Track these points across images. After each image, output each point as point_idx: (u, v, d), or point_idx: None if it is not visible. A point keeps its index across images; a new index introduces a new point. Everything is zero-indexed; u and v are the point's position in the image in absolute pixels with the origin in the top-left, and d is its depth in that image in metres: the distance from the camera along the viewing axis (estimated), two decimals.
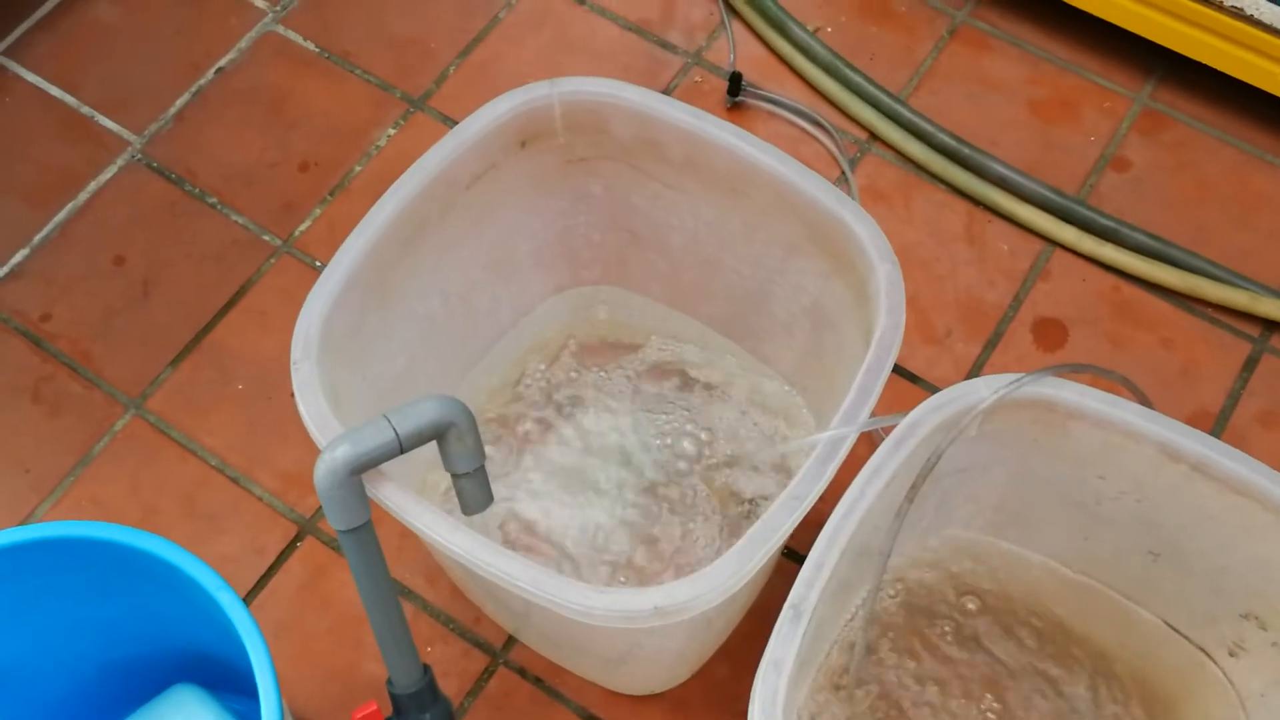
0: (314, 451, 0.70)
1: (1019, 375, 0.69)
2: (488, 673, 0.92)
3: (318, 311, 0.72)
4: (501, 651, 0.92)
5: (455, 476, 0.69)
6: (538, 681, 0.91)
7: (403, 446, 0.66)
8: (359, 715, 0.70)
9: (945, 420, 0.68)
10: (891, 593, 0.85)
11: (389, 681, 0.72)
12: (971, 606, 0.84)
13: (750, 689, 0.89)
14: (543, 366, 0.95)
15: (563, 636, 0.81)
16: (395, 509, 0.67)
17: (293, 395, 1.01)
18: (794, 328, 0.86)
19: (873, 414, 0.68)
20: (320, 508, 0.97)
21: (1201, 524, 0.70)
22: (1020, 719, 0.81)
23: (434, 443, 0.68)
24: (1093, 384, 0.73)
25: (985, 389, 0.69)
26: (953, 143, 1.11)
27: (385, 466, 0.67)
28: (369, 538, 0.67)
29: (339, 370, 0.74)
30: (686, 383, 0.94)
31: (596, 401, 0.93)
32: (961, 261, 1.08)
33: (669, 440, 0.92)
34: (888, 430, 0.69)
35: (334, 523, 0.66)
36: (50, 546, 0.72)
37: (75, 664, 0.82)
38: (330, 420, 0.68)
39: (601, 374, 0.95)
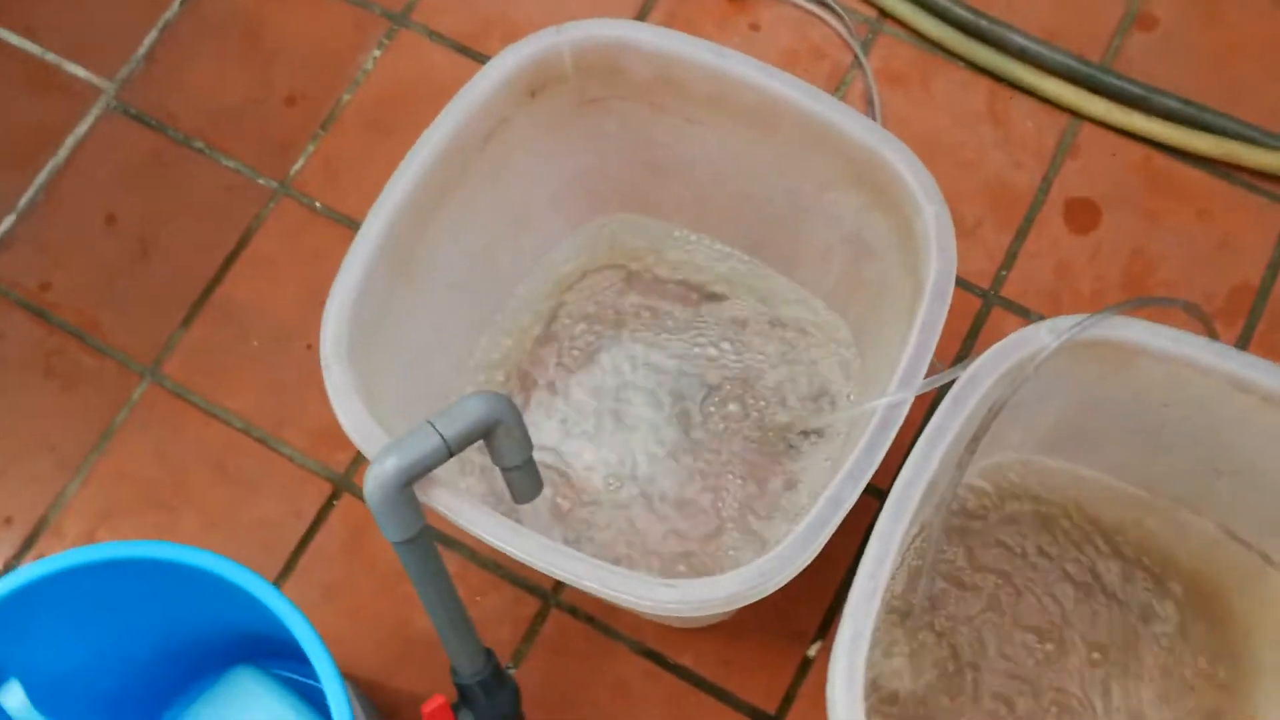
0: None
1: (1081, 317, 0.66)
2: (540, 616, 0.92)
3: (344, 305, 0.69)
4: (552, 594, 0.92)
5: (505, 470, 0.67)
6: (590, 620, 0.91)
7: (451, 451, 0.64)
8: (428, 709, 0.70)
9: (1007, 371, 0.66)
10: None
11: (453, 671, 0.72)
12: (1015, 508, 0.83)
13: (801, 610, 0.90)
14: (567, 302, 0.92)
15: None
16: (451, 515, 0.65)
17: (309, 346, 1.00)
18: (831, 255, 0.83)
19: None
20: (352, 463, 0.96)
21: (1271, 446, 0.69)
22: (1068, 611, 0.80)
23: None
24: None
25: (1047, 335, 0.66)
26: (968, 15, 1.05)
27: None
28: (425, 544, 0.66)
29: (368, 355, 0.71)
30: (718, 309, 0.91)
31: (622, 334, 0.90)
32: (987, 145, 1.04)
33: (702, 372, 0.89)
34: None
35: (388, 535, 0.64)
36: (97, 568, 0.71)
37: (129, 662, 0.82)
38: (370, 426, 0.66)
39: (626, 303, 0.91)
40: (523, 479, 0.68)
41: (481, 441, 0.66)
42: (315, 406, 0.98)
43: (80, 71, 1.09)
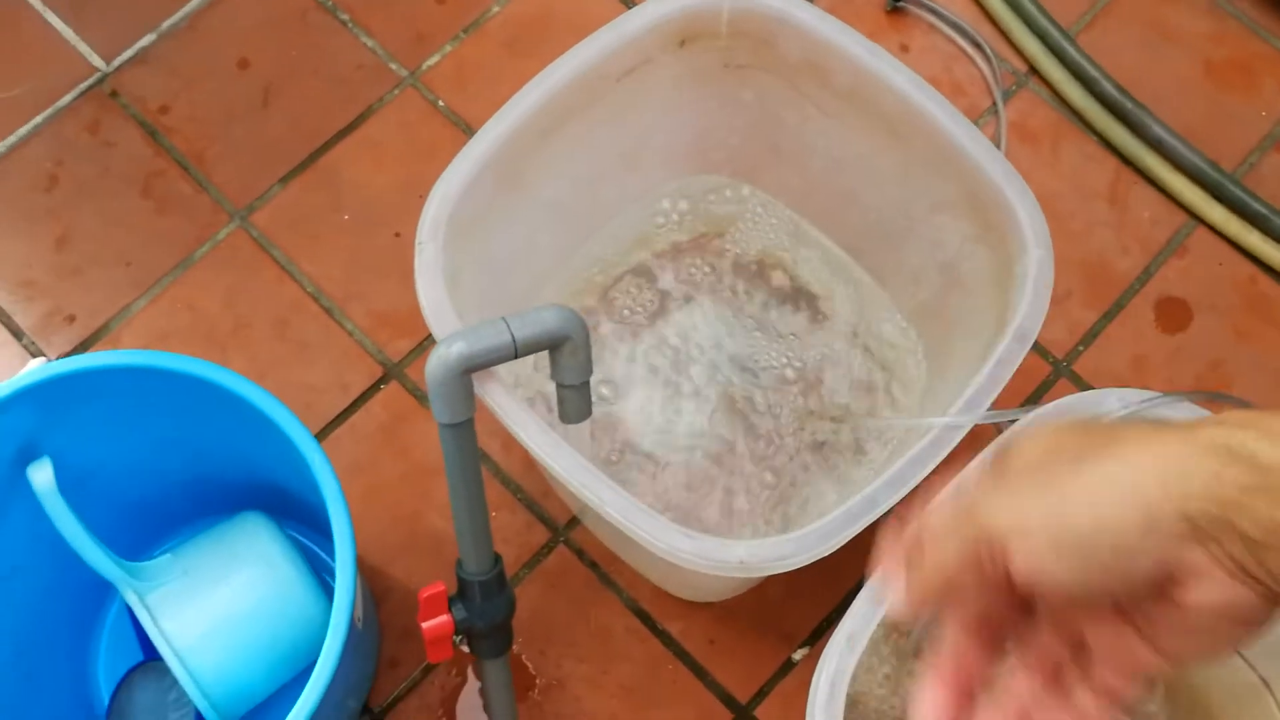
0: (407, 295, 0.70)
1: (1152, 395, 0.66)
2: (547, 548, 0.93)
3: (449, 195, 0.70)
4: (563, 530, 0.93)
5: (560, 387, 0.68)
6: (593, 566, 0.93)
7: (517, 352, 0.65)
8: (425, 594, 0.71)
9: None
10: None
11: (459, 564, 0.73)
12: None
13: (796, 613, 0.91)
14: (657, 252, 0.93)
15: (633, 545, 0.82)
16: (500, 412, 0.66)
17: (397, 235, 1.02)
18: (923, 278, 0.83)
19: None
20: (408, 354, 0.98)
21: None
22: None
23: None
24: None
25: (1115, 402, 0.66)
26: (1115, 93, 1.05)
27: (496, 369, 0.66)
28: (469, 434, 0.67)
29: (458, 250, 0.73)
30: (798, 295, 0.91)
31: (699, 298, 0.91)
32: (1099, 221, 1.04)
33: (766, 356, 0.90)
34: (1004, 424, 0.67)
35: (438, 415, 0.66)
36: (135, 373, 0.72)
37: (153, 476, 0.84)
38: (448, 310, 0.67)
39: (711, 271, 0.92)
40: (575, 400, 0.69)
41: (544, 355, 0.67)
42: (387, 292, 0.99)
43: None
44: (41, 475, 0.74)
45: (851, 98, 0.76)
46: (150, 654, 0.88)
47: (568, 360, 0.67)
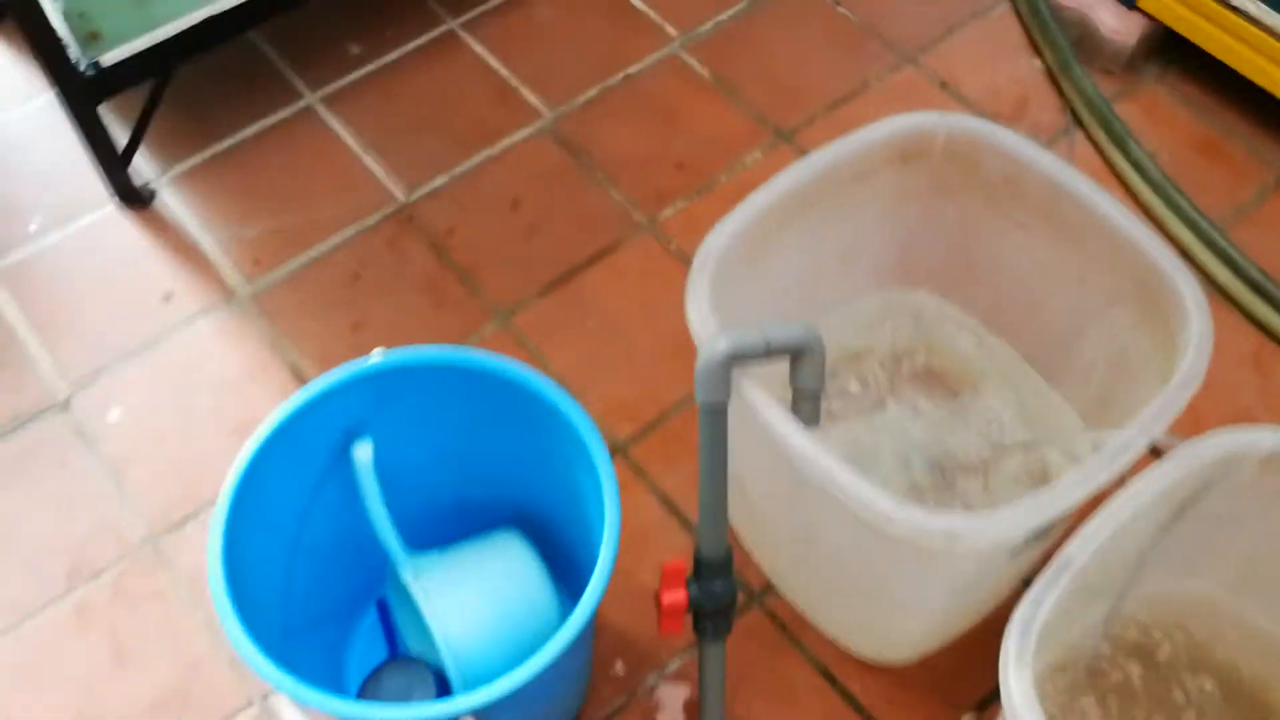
0: (635, 387, 0.88)
1: None
2: (742, 610, 1.05)
3: (717, 241, 0.88)
4: (759, 595, 1.05)
5: (798, 390, 0.84)
6: (783, 628, 1.04)
7: (769, 350, 0.81)
8: (668, 566, 0.84)
9: (1225, 455, 0.79)
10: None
11: (696, 549, 0.86)
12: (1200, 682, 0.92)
13: (966, 682, 1.00)
14: (851, 355, 1.09)
15: (835, 563, 0.93)
16: (750, 399, 0.82)
17: (628, 345, 1.19)
18: (1092, 373, 0.97)
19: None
20: (633, 435, 1.13)
21: None
22: None
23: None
24: None
25: (1271, 440, 0.79)
26: (1259, 276, 1.21)
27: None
28: (722, 419, 0.82)
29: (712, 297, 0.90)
30: (979, 398, 1.06)
31: (894, 398, 1.06)
32: (1242, 385, 1.17)
33: (950, 447, 1.04)
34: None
35: (701, 395, 0.81)
36: (456, 371, 0.89)
37: (431, 490, 0.99)
38: (710, 319, 0.84)
39: (904, 374, 1.08)
40: (809, 406, 0.84)
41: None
42: (617, 385, 1.17)
43: (533, 98, 1.38)
44: (363, 452, 0.91)
45: (1041, 208, 0.93)
46: (395, 652, 1.02)
47: (807, 367, 0.83)
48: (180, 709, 1.00)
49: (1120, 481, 0.79)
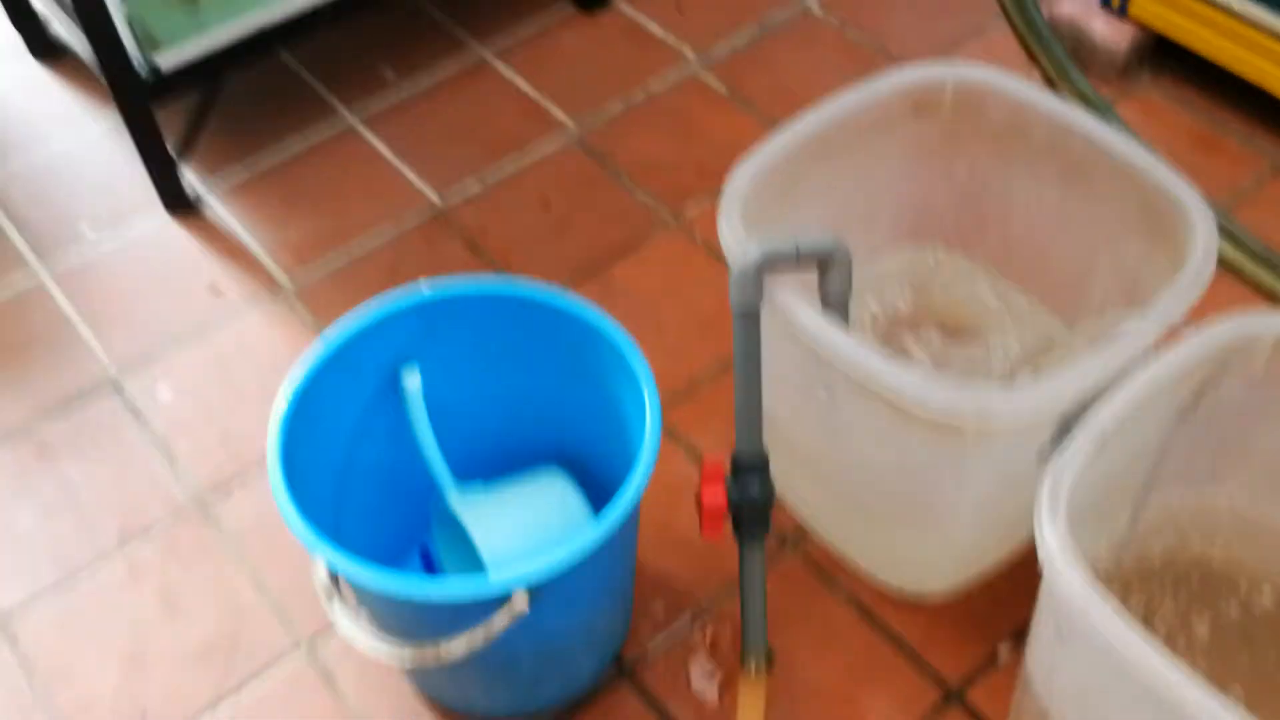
0: (669, 361, 0.93)
1: None
2: (777, 556, 1.07)
3: (745, 175, 0.94)
4: (793, 540, 1.08)
5: (825, 298, 0.88)
6: (819, 571, 1.06)
7: (799, 256, 0.86)
8: (710, 461, 0.88)
9: (1238, 337, 0.83)
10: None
11: (734, 453, 0.89)
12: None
13: (1001, 614, 1.02)
14: (871, 315, 1.13)
15: (866, 479, 0.96)
16: (783, 304, 0.86)
17: (658, 325, 1.24)
18: (1106, 311, 1.02)
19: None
20: (670, 404, 1.17)
21: None
22: None
23: None
24: None
25: None
26: (1262, 249, 1.26)
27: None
28: (756, 326, 0.87)
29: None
30: (998, 343, 1.10)
31: (915, 339, 1.10)
32: None
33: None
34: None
35: (735, 305, 0.86)
36: (501, 301, 0.94)
37: (476, 422, 1.02)
38: (741, 231, 0.89)
39: (920, 332, 1.12)
40: (838, 312, 0.88)
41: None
42: (651, 358, 1.19)
43: (560, 114, 1.46)
44: (412, 379, 0.96)
45: (1046, 149, 0.99)
46: None
47: (835, 275, 0.88)
48: (229, 653, 1.02)
49: None
